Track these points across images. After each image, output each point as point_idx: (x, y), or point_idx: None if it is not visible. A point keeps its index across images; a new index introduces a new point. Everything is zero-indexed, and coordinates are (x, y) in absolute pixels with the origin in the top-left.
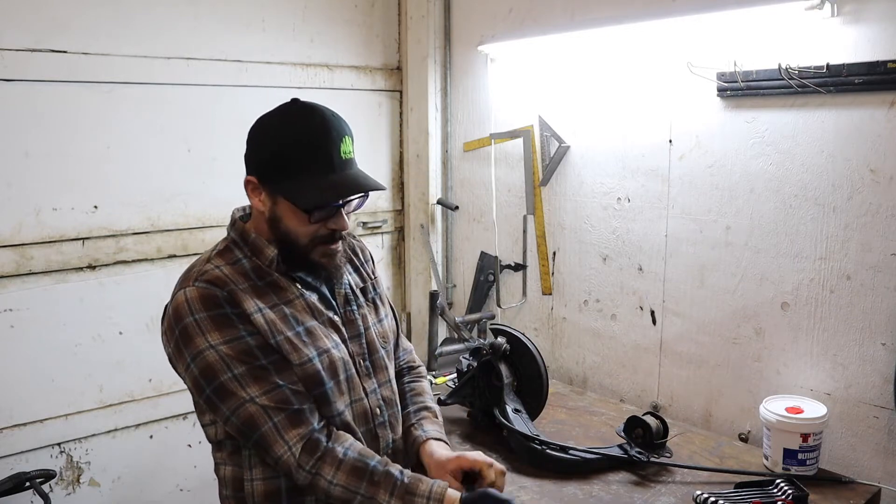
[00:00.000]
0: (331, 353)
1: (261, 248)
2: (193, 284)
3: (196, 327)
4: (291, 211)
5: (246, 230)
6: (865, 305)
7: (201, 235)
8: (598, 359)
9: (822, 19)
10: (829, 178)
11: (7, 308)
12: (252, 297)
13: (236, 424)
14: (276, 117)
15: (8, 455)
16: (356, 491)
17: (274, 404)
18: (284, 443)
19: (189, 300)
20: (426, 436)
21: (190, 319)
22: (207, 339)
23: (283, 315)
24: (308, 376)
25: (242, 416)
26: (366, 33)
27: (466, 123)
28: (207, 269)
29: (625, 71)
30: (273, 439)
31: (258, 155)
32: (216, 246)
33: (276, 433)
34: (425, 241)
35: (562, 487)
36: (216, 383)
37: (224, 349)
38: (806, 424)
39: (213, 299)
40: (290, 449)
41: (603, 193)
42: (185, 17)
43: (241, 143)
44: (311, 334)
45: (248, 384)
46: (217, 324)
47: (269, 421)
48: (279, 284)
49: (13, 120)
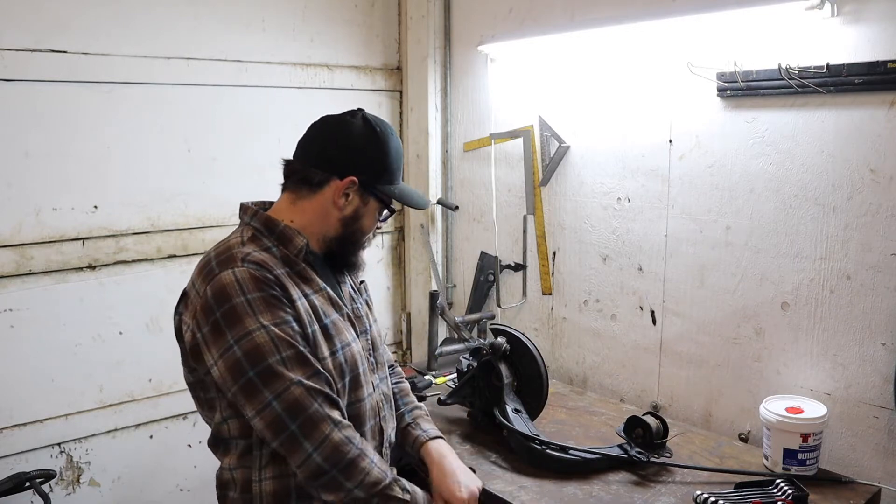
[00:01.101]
0: (352, 346)
1: (290, 237)
2: (243, 265)
3: (247, 307)
4: (374, 210)
5: (272, 219)
6: (865, 305)
7: (201, 235)
8: (598, 359)
9: (822, 19)
10: (829, 178)
11: (7, 308)
12: (292, 283)
13: (277, 410)
14: (367, 126)
15: (8, 455)
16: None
17: (318, 387)
18: (330, 421)
19: (240, 280)
20: (427, 435)
21: (241, 299)
22: (260, 319)
23: (313, 305)
24: (336, 366)
25: (288, 400)
26: (366, 33)
27: (466, 123)
28: (248, 251)
29: (625, 71)
30: (320, 418)
31: (365, 158)
32: (240, 232)
33: (322, 412)
34: (425, 241)
35: (562, 487)
36: (263, 365)
37: (276, 331)
38: (806, 424)
39: (265, 280)
40: (335, 426)
41: (603, 193)
42: (185, 17)
43: (241, 143)
44: (336, 326)
45: (294, 368)
46: (269, 305)
47: (314, 402)
48: (306, 275)
49: (13, 120)
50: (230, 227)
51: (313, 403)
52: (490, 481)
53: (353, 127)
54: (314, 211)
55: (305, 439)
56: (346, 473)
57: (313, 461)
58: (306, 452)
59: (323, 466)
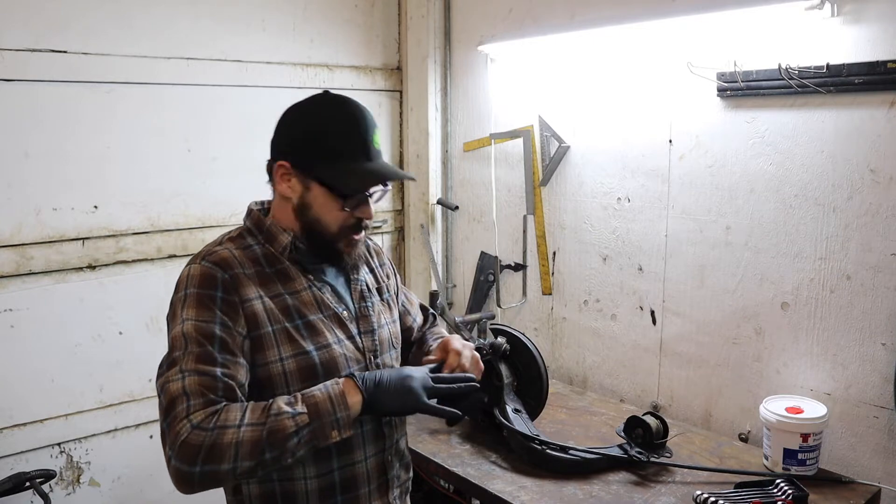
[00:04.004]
0: (331, 348)
1: (275, 235)
2: (200, 262)
3: (182, 301)
4: (324, 197)
5: (261, 219)
6: (865, 305)
7: (201, 235)
8: (598, 359)
9: (822, 19)
10: (829, 178)
11: (7, 308)
12: (255, 283)
13: (162, 401)
14: (311, 104)
15: (8, 455)
16: (262, 423)
17: (199, 388)
18: (187, 419)
19: (190, 276)
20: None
21: (182, 293)
22: (185, 313)
23: (284, 305)
24: (301, 368)
25: (168, 391)
26: (366, 33)
27: (466, 123)
28: (217, 250)
29: (625, 71)
30: (181, 418)
31: (292, 139)
32: (229, 232)
33: (185, 413)
34: (425, 241)
35: (562, 487)
36: (172, 356)
37: (191, 325)
38: (806, 424)
39: (210, 279)
40: (189, 422)
41: (603, 193)
42: (185, 17)
43: (241, 143)
44: (311, 328)
45: (190, 362)
46: (200, 302)
47: (187, 402)
48: (288, 274)
49: (13, 120)
50: (230, 227)
51: (183, 402)
52: (490, 481)
53: (297, 106)
54: (278, 205)
55: (168, 435)
56: (212, 460)
57: (172, 466)
58: (167, 455)
59: (181, 468)
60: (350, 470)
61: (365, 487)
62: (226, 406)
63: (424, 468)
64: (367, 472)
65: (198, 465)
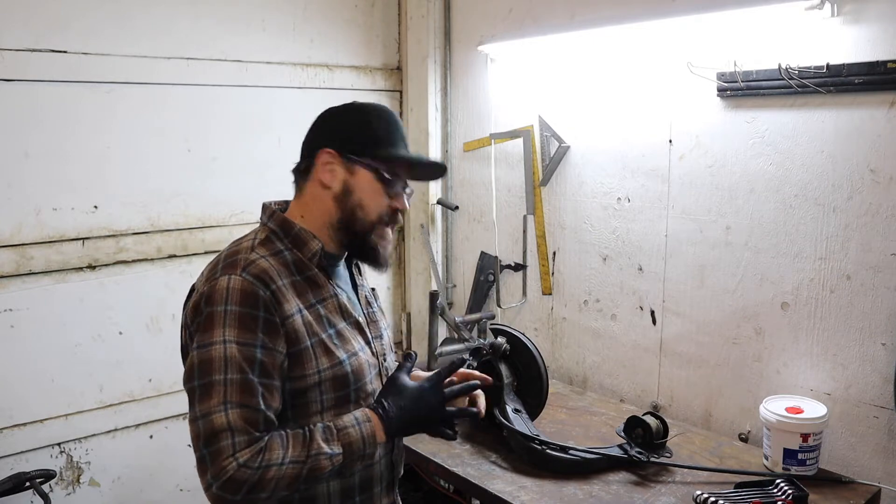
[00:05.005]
0: (358, 356)
1: (305, 241)
2: (241, 274)
3: (223, 317)
4: (368, 181)
5: (288, 220)
6: (865, 305)
7: (201, 235)
8: (598, 359)
9: (822, 19)
10: (829, 178)
11: (7, 308)
12: (293, 294)
13: (199, 429)
14: (348, 105)
15: (8, 455)
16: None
17: (242, 424)
18: (234, 460)
19: (230, 289)
20: None
21: (221, 308)
22: (226, 333)
23: (318, 315)
24: (335, 377)
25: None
26: (366, 33)
27: (466, 123)
28: (254, 259)
29: (625, 71)
30: (227, 455)
31: (337, 129)
32: (254, 234)
33: (231, 450)
34: (425, 241)
35: (562, 487)
36: (207, 380)
37: (234, 349)
38: (806, 424)
39: (252, 298)
40: (236, 460)
41: (603, 193)
42: (185, 17)
43: (241, 143)
44: (341, 336)
45: (233, 394)
46: (243, 323)
47: (231, 437)
48: (317, 281)
49: (13, 120)
50: (230, 227)
51: (228, 438)
52: (490, 481)
53: (333, 108)
54: (312, 198)
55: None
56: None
57: (212, 493)
58: (207, 482)
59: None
60: (369, 471)
61: (379, 486)
62: (269, 443)
63: (424, 468)
64: (381, 471)
65: (240, 496)
